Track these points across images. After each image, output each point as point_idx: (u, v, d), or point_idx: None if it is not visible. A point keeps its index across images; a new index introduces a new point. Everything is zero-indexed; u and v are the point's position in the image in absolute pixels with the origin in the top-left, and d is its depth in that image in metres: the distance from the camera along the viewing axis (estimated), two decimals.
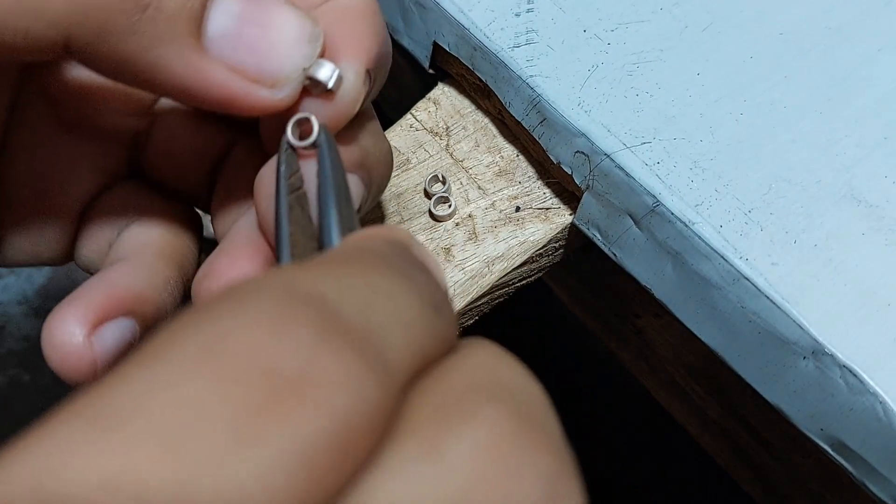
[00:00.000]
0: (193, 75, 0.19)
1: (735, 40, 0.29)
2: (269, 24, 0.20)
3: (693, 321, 0.26)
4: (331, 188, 0.19)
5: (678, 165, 0.26)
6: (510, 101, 0.29)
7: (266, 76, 0.20)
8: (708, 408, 0.34)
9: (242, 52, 0.20)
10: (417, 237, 0.29)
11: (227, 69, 0.20)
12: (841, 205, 0.26)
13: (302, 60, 0.20)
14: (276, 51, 0.20)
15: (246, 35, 0.20)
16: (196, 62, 0.19)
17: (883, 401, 0.22)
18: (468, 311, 0.29)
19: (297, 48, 0.20)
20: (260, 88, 0.20)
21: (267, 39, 0.20)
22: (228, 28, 0.20)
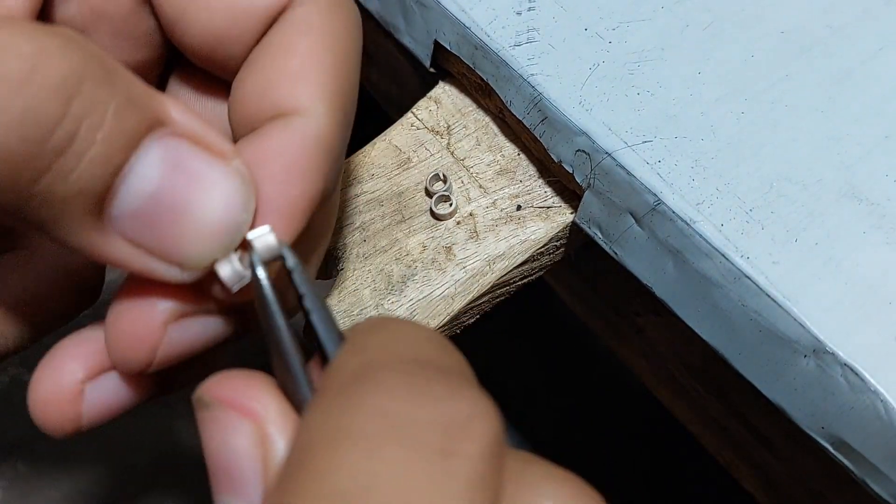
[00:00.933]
0: (91, 252, 0.18)
1: (736, 39, 0.29)
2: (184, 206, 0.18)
3: (694, 320, 0.26)
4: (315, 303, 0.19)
5: (679, 164, 0.26)
6: (511, 99, 0.29)
7: (172, 260, 0.18)
8: (709, 406, 0.34)
9: (149, 233, 0.18)
10: (418, 236, 0.29)
11: (131, 245, 0.18)
12: (842, 203, 0.26)
13: (214, 254, 0.19)
14: (186, 238, 0.18)
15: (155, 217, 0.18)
16: (94, 240, 0.18)
17: (884, 399, 0.22)
18: (469, 309, 0.29)
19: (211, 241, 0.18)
20: (165, 267, 0.19)
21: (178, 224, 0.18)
22: (137, 208, 0.18)
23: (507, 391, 0.54)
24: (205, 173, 0.18)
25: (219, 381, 0.18)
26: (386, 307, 0.28)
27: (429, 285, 0.28)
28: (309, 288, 0.19)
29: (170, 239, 0.18)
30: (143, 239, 0.18)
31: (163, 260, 0.18)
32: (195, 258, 0.18)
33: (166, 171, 0.18)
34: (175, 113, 0.18)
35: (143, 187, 0.17)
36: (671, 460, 0.51)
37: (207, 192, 0.18)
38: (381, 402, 0.15)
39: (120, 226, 0.18)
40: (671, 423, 0.39)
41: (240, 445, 0.17)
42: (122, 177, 0.17)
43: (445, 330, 0.28)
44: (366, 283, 0.28)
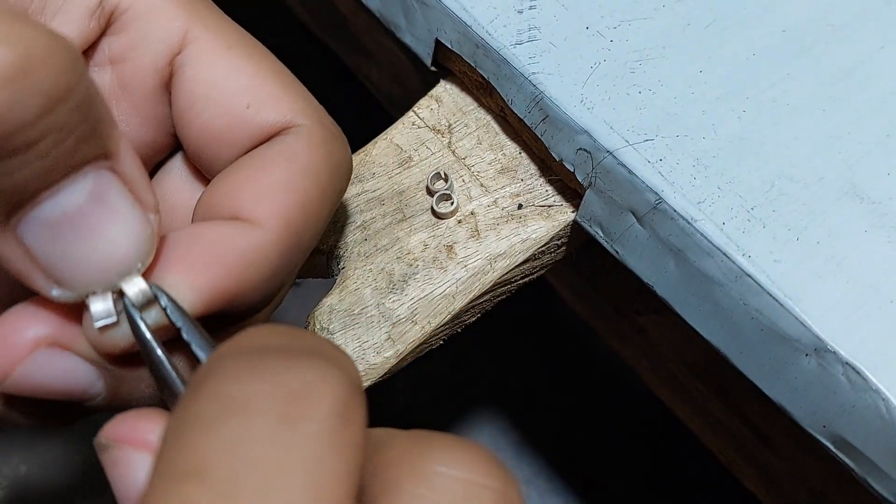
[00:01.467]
0: None
1: (737, 38, 0.29)
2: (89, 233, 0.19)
3: (695, 318, 0.26)
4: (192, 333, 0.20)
5: (680, 163, 0.26)
6: (512, 98, 0.29)
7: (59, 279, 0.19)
8: (710, 405, 0.34)
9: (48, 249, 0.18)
10: (419, 234, 0.29)
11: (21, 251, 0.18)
12: (843, 202, 0.26)
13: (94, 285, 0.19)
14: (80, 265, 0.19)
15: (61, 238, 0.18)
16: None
17: (885, 398, 0.22)
18: (470, 308, 0.29)
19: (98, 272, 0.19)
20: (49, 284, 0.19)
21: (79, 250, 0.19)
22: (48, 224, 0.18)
23: (508, 390, 0.54)
24: (120, 211, 0.19)
25: (113, 422, 0.18)
26: (387, 306, 0.28)
27: (430, 284, 0.28)
28: (185, 321, 0.20)
29: (63, 256, 0.19)
30: (38, 248, 0.18)
31: (44, 273, 0.19)
32: (75, 283, 0.19)
33: (90, 198, 0.18)
34: (123, 152, 0.19)
35: (62, 205, 0.18)
36: (672, 459, 0.51)
37: (115, 229, 0.19)
38: (218, 386, 0.15)
39: (24, 231, 0.18)
40: (672, 422, 0.39)
41: (139, 477, 0.18)
42: (50, 192, 0.18)
43: (447, 328, 0.28)
44: (367, 281, 0.28)
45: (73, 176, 0.18)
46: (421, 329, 0.28)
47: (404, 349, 0.27)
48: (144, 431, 0.18)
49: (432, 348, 0.29)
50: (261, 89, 0.24)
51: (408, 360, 0.28)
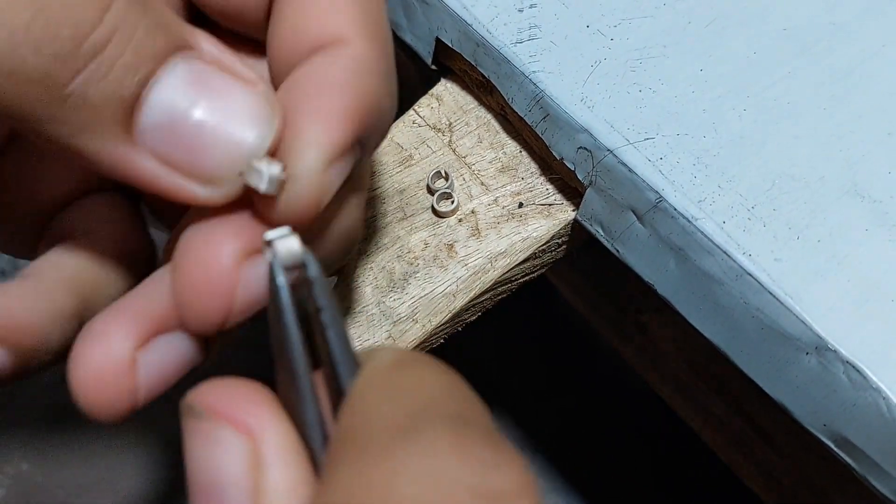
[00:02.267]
0: (121, 166, 0.18)
1: (738, 36, 0.29)
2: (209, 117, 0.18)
3: (696, 317, 0.26)
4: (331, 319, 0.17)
5: (681, 161, 0.26)
6: (513, 96, 0.29)
7: (200, 174, 0.18)
8: (711, 404, 0.34)
9: (175, 147, 0.18)
10: (420, 233, 0.29)
11: (159, 162, 0.18)
12: (844, 200, 0.26)
13: (240, 163, 0.18)
14: (212, 150, 0.18)
15: (181, 130, 0.18)
16: (123, 153, 0.18)
17: (886, 396, 0.22)
18: (471, 307, 0.29)
19: (238, 149, 0.18)
20: (193, 185, 0.18)
21: (203, 136, 0.18)
22: (163, 120, 0.18)
23: (509, 389, 0.54)
24: (228, 90, 0.18)
25: (213, 388, 0.16)
26: (388, 304, 0.28)
27: (430, 282, 0.28)
28: (328, 301, 0.17)
29: (196, 151, 0.18)
30: (169, 153, 0.18)
31: (190, 176, 0.18)
32: (222, 171, 0.18)
33: (191, 86, 0.18)
34: (205, 44, 0.19)
35: (168, 99, 0.18)
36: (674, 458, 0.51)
37: (231, 106, 0.18)
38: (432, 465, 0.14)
39: (147, 139, 0.18)
40: (673, 420, 0.39)
41: (228, 465, 0.16)
42: (150, 88, 0.18)
43: (447, 327, 0.28)
44: (367, 280, 0.29)
45: (163, 69, 0.18)
46: (421, 328, 0.28)
47: (405, 348, 0.27)
48: (248, 413, 0.16)
49: (433, 347, 0.29)
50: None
51: None
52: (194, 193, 0.18)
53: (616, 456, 0.52)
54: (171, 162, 0.18)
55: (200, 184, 0.18)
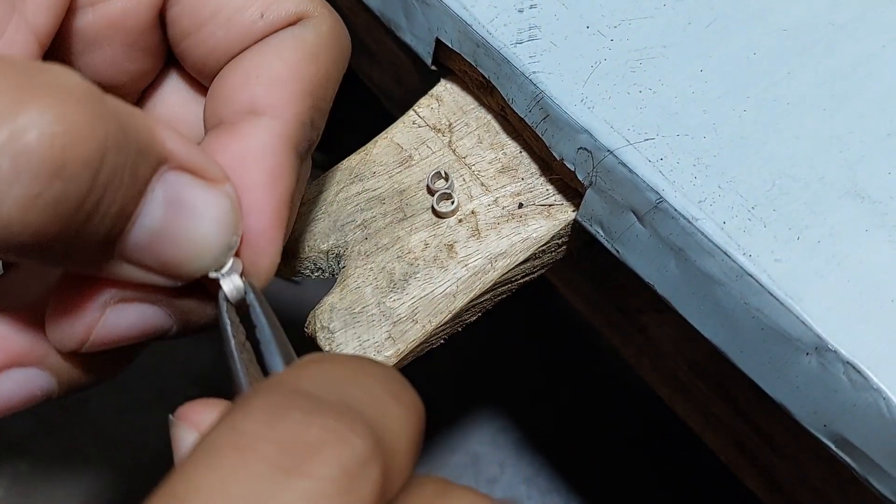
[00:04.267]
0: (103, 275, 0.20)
1: (738, 37, 0.29)
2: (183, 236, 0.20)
3: (696, 317, 0.26)
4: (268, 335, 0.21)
5: (681, 162, 0.26)
6: (513, 97, 0.29)
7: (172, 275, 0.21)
8: (711, 404, 0.34)
9: (153, 259, 0.20)
10: (420, 233, 0.29)
11: (137, 269, 0.20)
12: (844, 201, 0.26)
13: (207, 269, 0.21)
14: (186, 261, 0.21)
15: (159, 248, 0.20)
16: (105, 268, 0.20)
17: (886, 397, 0.22)
18: (471, 307, 0.29)
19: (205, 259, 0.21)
20: (161, 280, 0.21)
21: (179, 250, 0.20)
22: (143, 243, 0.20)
23: (508, 389, 0.54)
24: (200, 204, 0.20)
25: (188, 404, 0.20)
26: (388, 305, 0.28)
27: (430, 283, 0.28)
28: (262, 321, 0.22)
29: (170, 259, 0.20)
30: (148, 262, 0.20)
31: (163, 275, 0.21)
32: (189, 273, 0.21)
33: (168, 209, 0.20)
34: (172, 144, 0.20)
35: (149, 225, 0.19)
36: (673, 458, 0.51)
37: (202, 220, 0.20)
38: (240, 420, 0.16)
39: (129, 256, 0.20)
40: (673, 421, 0.39)
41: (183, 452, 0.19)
42: (133, 219, 0.19)
43: (447, 327, 0.28)
44: (367, 280, 0.28)
45: (143, 198, 0.19)
46: (422, 328, 0.28)
47: (405, 348, 0.27)
48: (198, 414, 0.20)
49: (433, 347, 0.29)
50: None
51: (408, 360, 0.28)
52: (163, 285, 0.21)
53: (616, 456, 0.52)
54: (148, 268, 0.20)
55: (169, 280, 0.21)
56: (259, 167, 0.22)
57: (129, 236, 0.19)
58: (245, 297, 0.22)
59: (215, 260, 0.21)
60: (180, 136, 0.20)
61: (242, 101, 0.23)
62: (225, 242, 0.21)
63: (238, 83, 0.23)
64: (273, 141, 0.23)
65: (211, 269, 0.21)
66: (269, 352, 0.21)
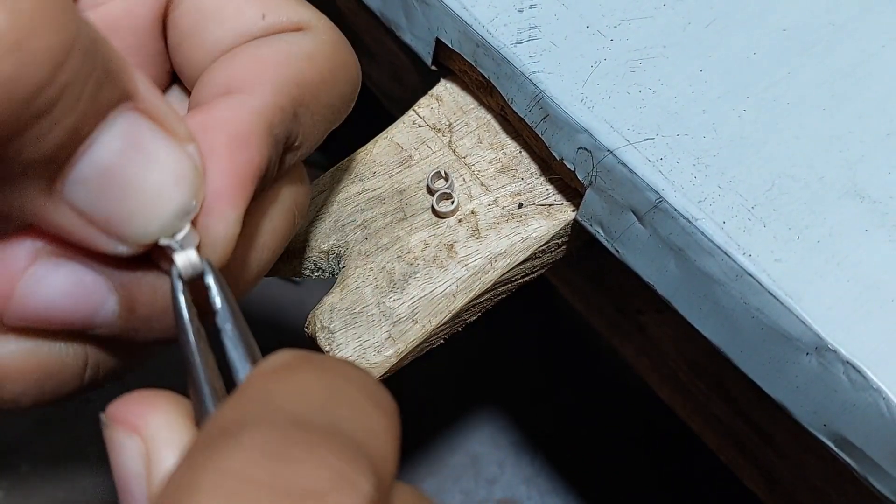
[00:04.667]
0: (34, 214, 0.18)
1: (738, 37, 0.29)
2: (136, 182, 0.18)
3: (696, 317, 0.26)
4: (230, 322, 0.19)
5: (681, 162, 0.26)
6: (513, 97, 0.29)
7: (116, 233, 0.18)
8: (711, 404, 0.34)
9: (98, 206, 0.18)
10: (420, 233, 0.29)
11: (76, 215, 0.18)
12: (844, 201, 0.26)
13: (157, 233, 0.18)
14: (134, 215, 0.18)
15: (107, 191, 0.18)
16: (41, 205, 0.18)
17: (886, 397, 0.22)
18: (471, 307, 0.29)
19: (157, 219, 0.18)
20: (106, 240, 0.18)
21: (127, 200, 0.18)
22: (91, 179, 0.18)
23: (508, 390, 0.54)
24: (159, 154, 0.18)
25: (119, 400, 0.18)
26: (388, 304, 0.28)
27: (430, 283, 0.28)
28: (224, 305, 0.19)
29: (117, 212, 0.18)
30: (90, 209, 0.18)
31: (105, 233, 0.18)
32: (138, 235, 0.18)
33: (125, 146, 0.18)
34: (142, 88, 0.18)
35: (101, 159, 0.17)
36: (673, 458, 0.51)
37: (159, 173, 0.18)
38: (232, 464, 0.14)
39: (71, 194, 0.18)
40: (673, 420, 0.39)
41: (125, 461, 0.17)
42: (85, 147, 0.17)
43: (447, 327, 0.28)
44: (367, 280, 0.28)
45: (101, 125, 0.17)
46: (421, 328, 0.28)
47: (405, 348, 0.27)
48: (137, 416, 0.18)
49: (433, 347, 0.29)
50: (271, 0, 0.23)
51: (408, 359, 0.28)
52: (105, 247, 0.18)
53: (616, 456, 0.52)
54: (89, 217, 0.18)
55: (114, 240, 0.18)
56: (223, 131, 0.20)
57: (76, 168, 0.17)
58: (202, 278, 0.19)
59: (168, 222, 0.18)
60: (152, 86, 0.19)
61: (219, 83, 0.21)
62: (182, 203, 0.18)
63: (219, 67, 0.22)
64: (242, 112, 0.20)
65: (162, 235, 0.18)
66: (233, 344, 0.19)
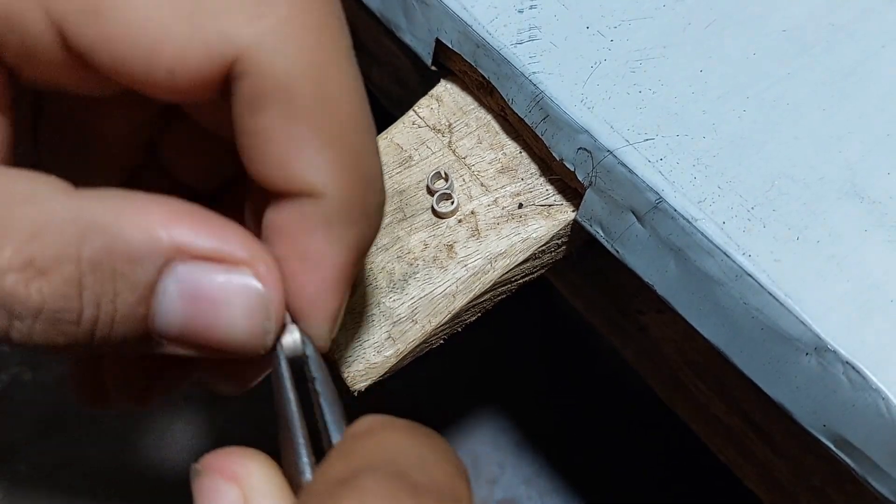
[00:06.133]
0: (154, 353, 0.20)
1: (738, 37, 0.29)
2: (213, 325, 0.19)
3: (696, 317, 0.26)
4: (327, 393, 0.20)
5: (681, 162, 0.26)
6: (513, 97, 0.29)
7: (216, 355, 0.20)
8: (710, 404, 0.34)
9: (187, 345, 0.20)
10: (419, 234, 0.29)
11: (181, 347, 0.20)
12: (843, 201, 0.26)
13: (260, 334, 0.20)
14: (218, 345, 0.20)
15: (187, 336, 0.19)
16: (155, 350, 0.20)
17: (885, 397, 0.22)
18: (471, 307, 0.29)
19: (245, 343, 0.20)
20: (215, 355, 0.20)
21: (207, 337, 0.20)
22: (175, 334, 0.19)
23: (508, 390, 0.54)
24: (221, 293, 0.19)
25: (213, 453, 0.19)
26: (387, 305, 0.28)
27: (430, 283, 0.28)
28: (320, 375, 0.21)
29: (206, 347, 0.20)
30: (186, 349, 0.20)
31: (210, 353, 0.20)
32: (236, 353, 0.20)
33: (186, 302, 0.19)
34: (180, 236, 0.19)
35: (171, 321, 0.19)
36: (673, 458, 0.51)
37: (227, 308, 0.19)
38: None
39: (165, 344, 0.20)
40: (673, 420, 0.39)
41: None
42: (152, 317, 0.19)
43: (447, 328, 0.28)
44: (367, 280, 0.29)
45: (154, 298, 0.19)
46: (421, 328, 0.28)
47: (404, 348, 0.27)
48: (237, 466, 0.19)
49: (432, 347, 0.29)
50: None
51: (408, 360, 0.28)
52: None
53: (616, 456, 0.52)
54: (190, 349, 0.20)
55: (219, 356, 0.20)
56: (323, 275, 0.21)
57: (156, 330, 0.19)
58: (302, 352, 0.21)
59: (251, 345, 0.20)
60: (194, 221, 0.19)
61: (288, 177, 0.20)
62: (257, 329, 0.20)
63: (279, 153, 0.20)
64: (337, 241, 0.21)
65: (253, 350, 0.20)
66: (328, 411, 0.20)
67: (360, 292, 0.28)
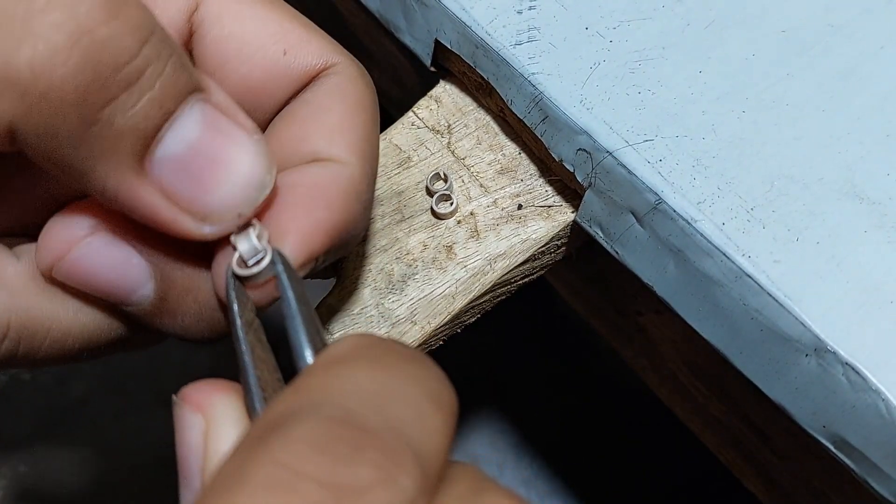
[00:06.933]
0: (124, 193, 0.19)
1: (737, 38, 0.29)
2: (219, 158, 0.20)
3: (695, 318, 0.26)
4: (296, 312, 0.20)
5: (680, 163, 0.26)
6: (512, 98, 0.29)
7: (198, 211, 0.20)
8: (710, 405, 0.34)
9: (182, 182, 0.19)
10: (419, 235, 0.29)
11: (161, 196, 0.19)
12: (843, 202, 0.26)
13: (238, 208, 0.20)
14: (216, 188, 0.20)
15: (192, 165, 0.19)
16: (130, 184, 0.19)
17: (885, 398, 0.22)
18: (470, 308, 0.29)
19: (239, 192, 0.20)
20: (188, 219, 0.20)
21: (210, 175, 0.20)
22: (176, 156, 0.19)
23: (508, 390, 0.54)
24: (235, 136, 0.20)
25: (192, 384, 0.20)
26: (386, 306, 0.28)
27: (429, 284, 0.28)
28: (292, 294, 0.20)
29: (202, 188, 0.20)
30: (175, 188, 0.19)
31: (188, 212, 0.20)
32: (222, 210, 0.20)
33: (205, 127, 0.19)
34: (212, 85, 0.20)
35: (185, 136, 0.19)
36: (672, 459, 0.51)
37: (239, 151, 0.20)
38: (279, 456, 0.15)
39: (158, 170, 0.19)
40: (672, 422, 0.39)
41: (187, 435, 0.19)
42: (169, 124, 0.19)
43: (446, 329, 0.28)
44: (366, 282, 0.28)
45: (182, 107, 0.19)
46: (420, 329, 0.28)
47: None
48: (203, 397, 0.19)
49: (432, 349, 0.29)
50: (292, 34, 0.24)
51: None
52: (187, 228, 0.20)
53: (615, 457, 0.52)
54: (174, 196, 0.20)
55: (195, 220, 0.20)
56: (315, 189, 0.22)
57: (162, 145, 0.19)
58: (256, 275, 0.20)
59: (250, 195, 0.20)
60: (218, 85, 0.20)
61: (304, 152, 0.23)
62: (260, 175, 0.20)
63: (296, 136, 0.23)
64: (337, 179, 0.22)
65: (241, 209, 0.20)
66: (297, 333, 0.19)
67: (359, 293, 0.28)
